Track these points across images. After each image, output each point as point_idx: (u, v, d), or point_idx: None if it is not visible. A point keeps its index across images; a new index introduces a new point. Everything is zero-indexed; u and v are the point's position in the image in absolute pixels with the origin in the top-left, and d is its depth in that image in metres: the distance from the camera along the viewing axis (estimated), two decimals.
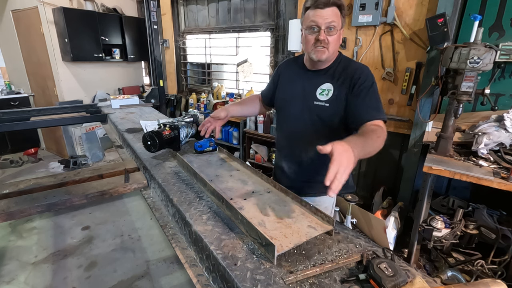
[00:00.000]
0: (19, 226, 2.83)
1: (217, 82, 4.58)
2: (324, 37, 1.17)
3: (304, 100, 1.32)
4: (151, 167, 1.43)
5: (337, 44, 1.22)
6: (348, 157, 0.82)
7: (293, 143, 1.41)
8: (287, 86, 1.41)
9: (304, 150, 1.38)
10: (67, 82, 4.22)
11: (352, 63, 1.28)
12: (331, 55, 1.24)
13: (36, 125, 2.79)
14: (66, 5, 3.96)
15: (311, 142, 1.33)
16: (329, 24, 1.15)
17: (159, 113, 2.65)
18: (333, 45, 1.20)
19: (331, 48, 1.21)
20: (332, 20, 1.15)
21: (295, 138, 1.39)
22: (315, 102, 1.28)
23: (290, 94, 1.38)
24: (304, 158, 1.38)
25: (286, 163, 1.47)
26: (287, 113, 1.40)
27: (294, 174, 1.44)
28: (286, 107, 1.40)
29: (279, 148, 1.55)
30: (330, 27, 1.16)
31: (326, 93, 1.26)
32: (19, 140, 4.61)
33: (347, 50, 2.85)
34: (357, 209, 2.48)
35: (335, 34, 1.18)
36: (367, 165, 3.08)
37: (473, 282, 0.67)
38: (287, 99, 1.39)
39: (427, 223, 1.95)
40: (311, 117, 1.30)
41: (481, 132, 1.94)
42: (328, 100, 1.26)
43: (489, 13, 2.20)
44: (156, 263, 2.36)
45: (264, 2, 3.65)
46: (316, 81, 1.30)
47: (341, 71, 1.26)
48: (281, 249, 0.79)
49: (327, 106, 1.26)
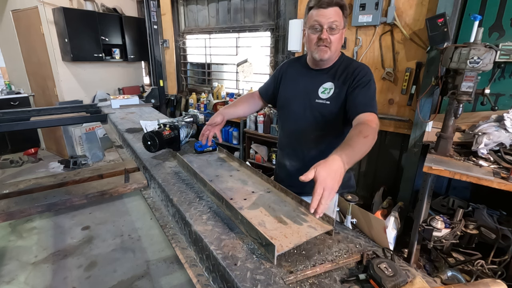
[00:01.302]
0: (19, 226, 2.83)
1: (217, 82, 4.58)
2: (326, 36, 1.20)
3: (306, 98, 1.34)
4: (151, 167, 1.43)
5: (339, 43, 1.24)
6: (332, 180, 0.82)
7: (295, 141, 1.43)
8: (289, 85, 1.42)
9: (306, 147, 1.39)
10: (67, 82, 4.22)
11: (354, 63, 1.31)
12: (333, 54, 1.26)
13: (36, 125, 2.79)
14: (66, 5, 3.96)
15: (313, 139, 1.36)
16: (332, 24, 1.18)
17: (159, 113, 2.65)
18: (335, 44, 1.22)
19: (333, 47, 1.23)
20: (334, 19, 1.17)
21: (297, 135, 1.41)
22: (316, 100, 1.31)
23: (293, 92, 1.40)
24: (306, 156, 1.40)
25: (289, 161, 1.48)
26: (289, 111, 1.42)
27: (296, 171, 1.43)
28: (289, 105, 1.42)
29: (281, 146, 1.56)
30: (333, 27, 1.18)
31: (328, 91, 1.29)
32: (19, 140, 4.61)
33: (347, 50, 2.85)
34: (357, 209, 2.48)
35: (337, 34, 1.20)
36: (367, 165, 3.08)
37: (473, 282, 0.67)
38: (289, 97, 1.41)
39: (427, 223, 1.95)
40: (313, 114, 1.33)
41: (481, 132, 1.94)
42: (329, 98, 1.28)
43: (489, 13, 2.20)
44: (156, 263, 2.36)
45: (264, 2, 3.65)
46: (319, 80, 1.32)
47: (343, 70, 1.28)
48: (281, 249, 0.79)
49: (328, 104, 1.29)
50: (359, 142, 1.00)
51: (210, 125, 1.43)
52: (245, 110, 1.62)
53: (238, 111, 1.59)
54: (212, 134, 1.44)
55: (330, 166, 0.85)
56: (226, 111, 1.50)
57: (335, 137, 1.32)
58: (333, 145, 1.31)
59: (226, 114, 1.49)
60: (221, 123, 1.46)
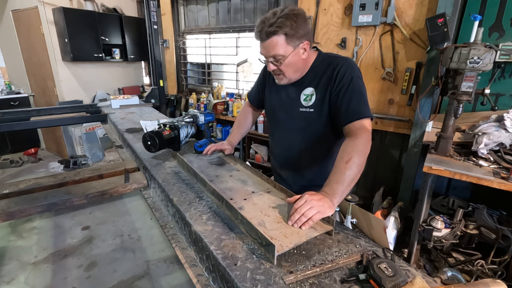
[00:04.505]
0: (19, 226, 2.82)
1: (217, 82, 4.58)
2: (272, 68, 1.17)
3: (290, 107, 1.29)
4: (151, 167, 1.43)
5: (293, 66, 1.17)
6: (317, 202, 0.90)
7: (286, 151, 1.40)
8: (273, 92, 1.39)
9: (297, 157, 1.36)
10: (67, 82, 4.22)
11: (333, 60, 1.20)
12: (293, 75, 1.21)
13: (36, 125, 2.79)
14: (66, 5, 3.96)
15: (304, 149, 1.32)
16: (274, 56, 1.13)
17: (159, 113, 2.65)
18: (288, 70, 1.17)
19: (288, 73, 1.18)
20: (274, 53, 1.11)
21: (288, 146, 1.37)
22: (300, 109, 1.26)
23: (277, 102, 1.36)
24: (300, 165, 1.38)
25: (283, 170, 1.47)
26: (276, 121, 1.39)
27: (292, 179, 1.44)
28: (275, 115, 1.39)
29: (274, 155, 1.54)
30: (276, 58, 1.13)
31: (310, 98, 1.23)
32: (19, 140, 4.61)
33: (347, 50, 2.85)
34: (357, 209, 2.48)
35: (285, 60, 1.13)
36: (367, 165, 3.04)
37: (473, 282, 0.67)
38: (275, 107, 1.38)
39: (427, 223, 1.95)
40: (300, 124, 1.28)
41: (481, 132, 1.94)
42: (312, 105, 1.23)
43: (489, 13, 2.20)
44: (156, 263, 2.36)
45: (264, 2, 3.65)
46: (299, 87, 1.26)
47: (323, 73, 1.20)
48: (281, 249, 0.79)
49: (312, 112, 1.23)
50: (342, 173, 0.99)
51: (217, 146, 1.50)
52: (248, 127, 1.64)
53: (244, 131, 1.63)
54: (215, 149, 1.50)
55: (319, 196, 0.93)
56: (233, 140, 1.55)
57: (327, 144, 1.30)
58: (327, 152, 1.31)
59: (235, 142, 1.54)
60: (230, 149, 1.52)
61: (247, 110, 1.62)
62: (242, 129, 1.60)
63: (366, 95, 1.15)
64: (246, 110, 1.63)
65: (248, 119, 1.62)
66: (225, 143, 1.51)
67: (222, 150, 1.51)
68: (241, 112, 1.64)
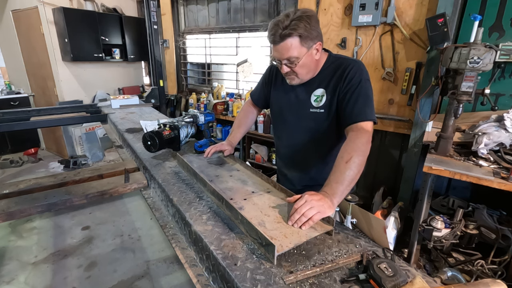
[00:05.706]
0: (19, 226, 2.83)
1: (217, 82, 4.58)
2: (285, 70, 1.18)
3: (300, 108, 1.30)
4: (151, 167, 1.43)
5: (307, 67, 1.18)
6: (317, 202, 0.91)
7: (294, 153, 1.40)
8: (281, 93, 1.38)
9: (304, 157, 1.37)
10: (67, 82, 4.22)
11: (343, 61, 1.22)
12: (305, 76, 1.22)
13: (36, 125, 2.79)
14: (66, 5, 3.96)
15: (311, 149, 1.33)
16: (288, 58, 1.14)
17: (159, 113, 2.65)
18: (302, 71, 1.18)
19: (301, 74, 1.19)
20: (288, 55, 1.12)
21: (296, 147, 1.38)
22: (310, 110, 1.26)
23: (286, 102, 1.36)
24: (306, 165, 1.39)
25: (289, 170, 1.48)
26: (284, 122, 1.39)
27: (296, 179, 1.45)
28: (283, 116, 1.38)
29: (279, 156, 1.54)
30: (290, 60, 1.14)
31: (320, 99, 1.24)
32: (19, 140, 4.61)
33: (347, 50, 2.85)
34: (357, 209, 2.48)
35: (299, 62, 1.14)
36: (367, 165, 3.04)
37: (473, 282, 0.67)
38: (283, 108, 1.37)
39: (427, 223, 1.95)
40: (308, 124, 1.29)
41: (481, 132, 1.94)
42: (322, 106, 1.24)
43: (489, 13, 2.20)
44: (156, 263, 2.36)
45: (264, 2, 3.65)
46: (309, 87, 1.27)
47: (333, 74, 1.21)
48: (281, 249, 0.79)
49: (322, 112, 1.24)
50: (343, 173, 1.00)
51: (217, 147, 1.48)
52: (249, 125, 1.64)
53: (245, 130, 1.62)
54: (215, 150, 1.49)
55: (319, 196, 0.93)
56: (234, 139, 1.54)
57: (333, 143, 1.31)
58: (332, 151, 1.32)
59: (235, 142, 1.53)
60: (231, 149, 1.51)
61: (248, 109, 1.62)
62: (242, 129, 1.60)
63: (372, 99, 1.17)
64: (248, 110, 1.62)
65: (249, 119, 1.61)
66: (225, 143, 1.50)
67: (222, 151, 1.51)
68: (242, 112, 1.64)
